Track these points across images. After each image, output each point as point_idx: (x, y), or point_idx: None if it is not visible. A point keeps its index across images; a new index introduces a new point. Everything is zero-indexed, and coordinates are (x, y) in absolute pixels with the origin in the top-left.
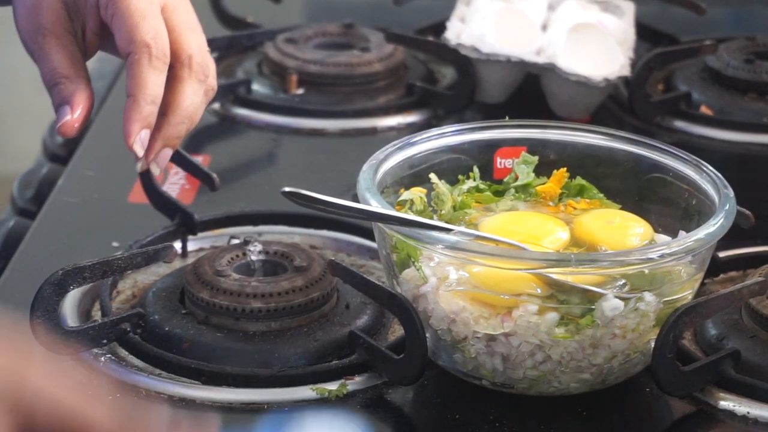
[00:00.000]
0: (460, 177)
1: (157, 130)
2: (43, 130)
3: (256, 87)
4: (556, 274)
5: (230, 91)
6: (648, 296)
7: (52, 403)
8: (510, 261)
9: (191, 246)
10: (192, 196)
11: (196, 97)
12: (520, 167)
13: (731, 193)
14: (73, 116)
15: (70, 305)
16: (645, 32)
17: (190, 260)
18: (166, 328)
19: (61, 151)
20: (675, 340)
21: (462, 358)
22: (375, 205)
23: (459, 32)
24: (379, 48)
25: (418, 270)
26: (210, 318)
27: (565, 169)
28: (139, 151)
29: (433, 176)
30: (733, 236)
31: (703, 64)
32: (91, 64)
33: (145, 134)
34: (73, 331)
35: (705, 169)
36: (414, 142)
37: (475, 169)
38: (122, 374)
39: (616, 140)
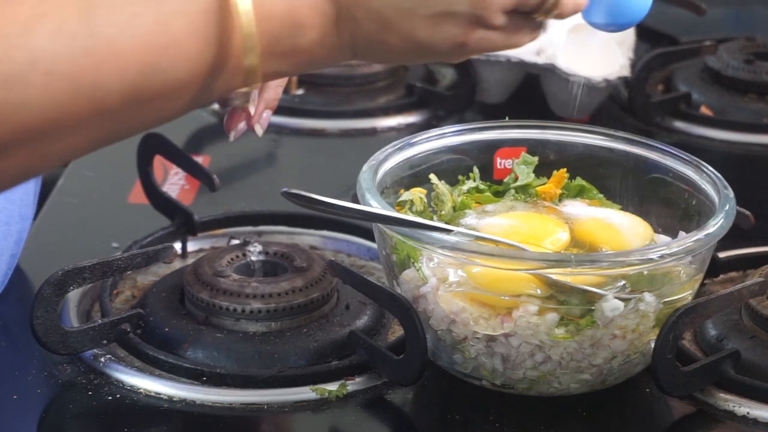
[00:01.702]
0: (460, 177)
1: (259, 93)
2: None
3: None
4: (556, 274)
5: None
6: (648, 297)
7: None
8: (510, 261)
9: (191, 246)
10: (192, 196)
11: None
12: (520, 168)
13: (731, 193)
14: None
15: (70, 305)
16: (645, 32)
17: (190, 261)
18: (166, 329)
19: None
20: (675, 341)
21: (462, 358)
22: (375, 205)
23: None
24: None
25: (417, 270)
26: (210, 318)
27: (564, 169)
28: (252, 108)
29: (433, 177)
30: (733, 237)
31: (703, 65)
32: None
33: (255, 94)
34: (73, 332)
35: (705, 169)
36: (414, 143)
37: (475, 169)
38: (122, 374)
39: (616, 141)
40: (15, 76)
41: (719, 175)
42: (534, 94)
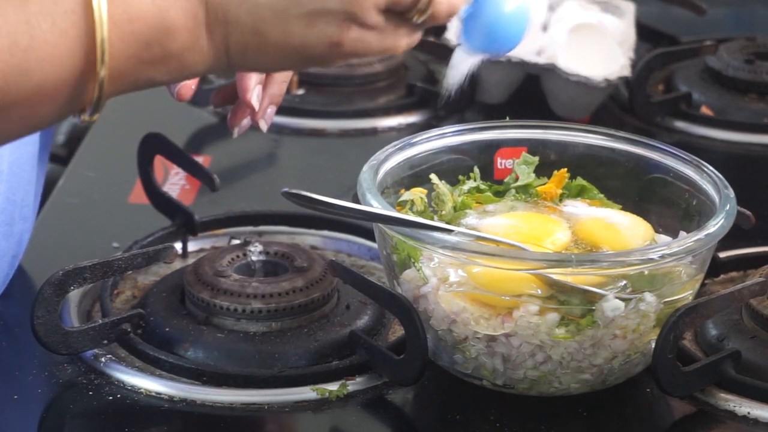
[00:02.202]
0: (461, 177)
1: (263, 89)
2: None
3: None
4: (557, 274)
5: None
6: (648, 297)
7: None
8: (511, 261)
9: (191, 246)
10: (192, 196)
11: None
12: (521, 168)
13: (731, 193)
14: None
15: (70, 305)
16: (645, 32)
17: (191, 261)
18: (167, 329)
19: (62, 152)
20: (675, 341)
21: (462, 358)
22: (375, 205)
23: (459, 32)
24: None
25: (418, 270)
26: (210, 318)
27: (565, 169)
28: (256, 104)
29: (433, 177)
30: (733, 236)
31: (704, 65)
32: None
33: (259, 89)
34: (74, 332)
35: (705, 169)
36: (414, 143)
37: (476, 169)
38: (123, 374)
39: (617, 140)
40: None
41: (720, 175)
42: (534, 94)
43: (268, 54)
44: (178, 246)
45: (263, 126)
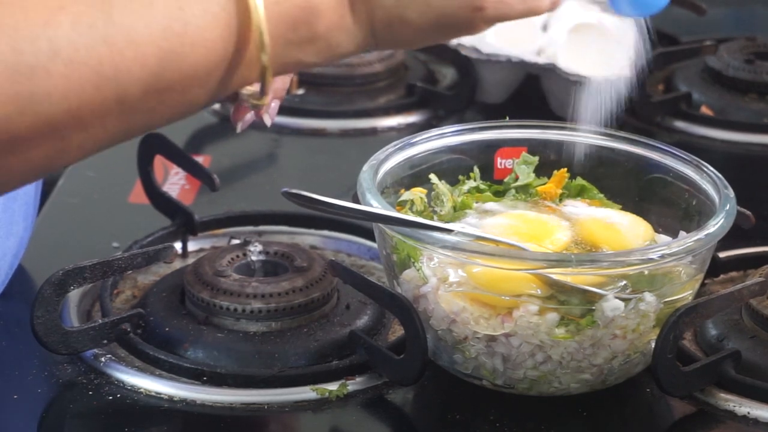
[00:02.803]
0: (461, 177)
1: None
2: None
3: None
4: (557, 274)
5: None
6: (648, 297)
7: None
8: (510, 261)
9: (191, 246)
10: (192, 196)
11: None
12: (521, 167)
13: (731, 193)
14: None
15: (70, 305)
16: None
17: (191, 260)
18: (167, 329)
19: None
20: (675, 341)
21: (462, 358)
22: (375, 205)
23: None
24: None
25: (418, 270)
26: (210, 318)
27: (565, 169)
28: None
29: (433, 176)
30: (733, 236)
31: (704, 65)
32: None
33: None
34: (74, 331)
35: (705, 169)
36: (414, 143)
37: (476, 169)
38: (123, 374)
39: (617, 140)
40: (36, 67)
41: (720, 175)
42: (534, 94)
43: (411, 25)
44: (178, 246)
45: (267, 121)
